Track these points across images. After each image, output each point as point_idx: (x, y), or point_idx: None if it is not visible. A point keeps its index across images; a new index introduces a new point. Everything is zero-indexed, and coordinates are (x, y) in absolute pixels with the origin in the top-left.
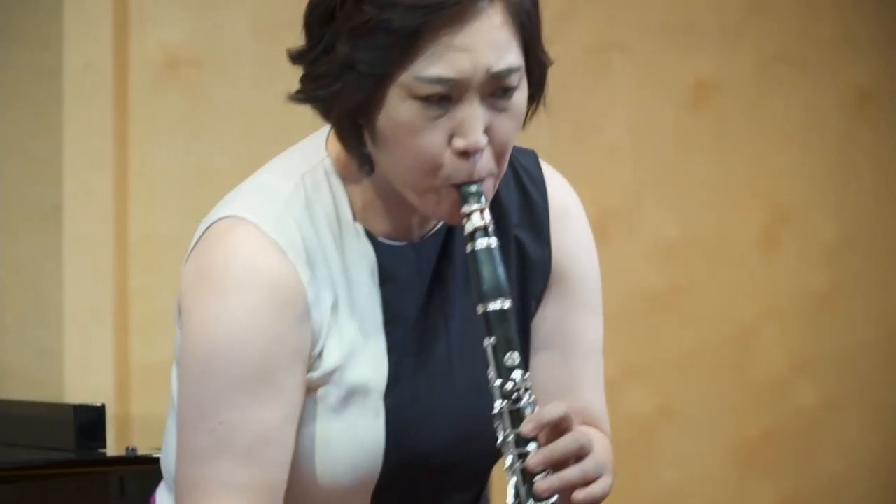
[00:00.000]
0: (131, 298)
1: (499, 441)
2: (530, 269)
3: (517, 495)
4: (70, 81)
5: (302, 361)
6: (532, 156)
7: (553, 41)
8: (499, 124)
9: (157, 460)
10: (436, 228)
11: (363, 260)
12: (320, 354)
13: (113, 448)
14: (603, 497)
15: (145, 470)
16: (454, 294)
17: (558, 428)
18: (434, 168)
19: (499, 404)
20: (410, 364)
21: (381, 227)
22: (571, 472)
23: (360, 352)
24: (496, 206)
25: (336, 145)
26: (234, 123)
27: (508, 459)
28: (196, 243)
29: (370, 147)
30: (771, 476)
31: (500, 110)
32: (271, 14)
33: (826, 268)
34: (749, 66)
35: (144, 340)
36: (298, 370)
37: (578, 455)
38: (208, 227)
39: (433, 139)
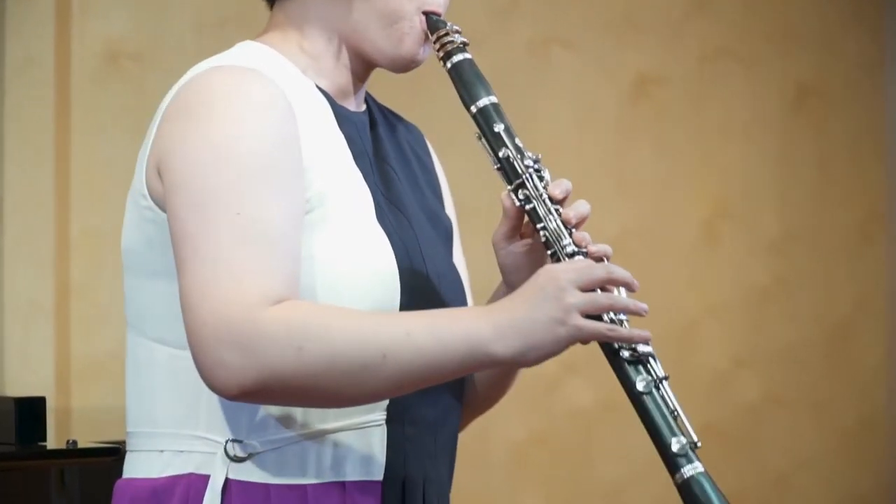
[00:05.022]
0: (72, 292)
1: (528, 206)
2: (428, 172)
3: (568, 243)
4: (11, 75)
5: (298, 166)
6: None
7: (495, 35)
8: None
9: (98, 452)
10: (361, 109)
11: (320, 105)
12: (313, 167)
13: (53, 441)
14: (610, 257)
15: (86, 463)
16: (392, 160)
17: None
18: None
19: (525, 170)
20: (382, 198)
21: (326, 87)
22: (586, 233)
23: (342, 178)
24: (387, 118)
25: (263, 39)
26: None
27: (547, 215)
28: (171, 101)
29: None
30: (713, 471)
31: None
32: (213, 9)
33: (768, 262)
34: (691, 60)
35: (85, 334)
36: (296, 174)
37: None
38: (183, 84)
39: None
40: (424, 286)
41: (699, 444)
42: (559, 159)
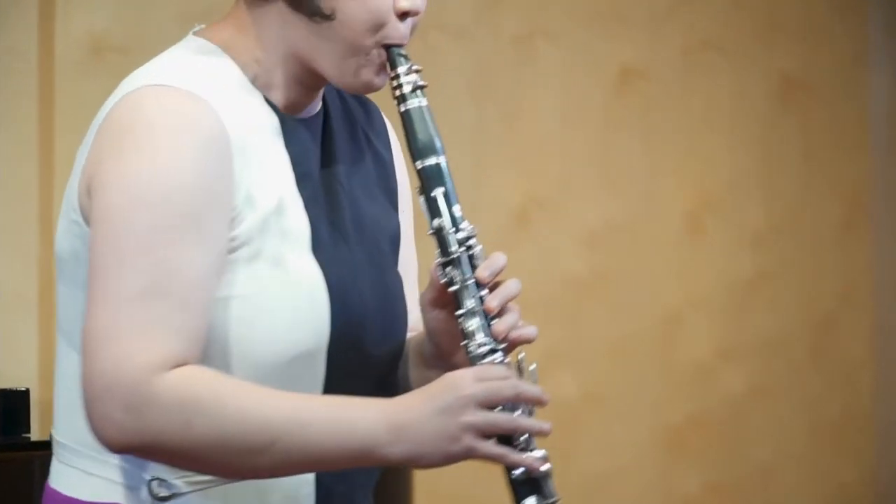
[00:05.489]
0: (56, 285)
1: (452, 287)
2: (384, 167)
3: (480, 335)
4: None
5: (226, 207)
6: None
7: (480, 28)
8: None
9: None
10: (315, 111)
11: (267, 121)
12: (247, 202)
13: (37, 433)
14: (531, 341)
15: None
16: (341, 171)
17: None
18: (378, 26)
19: (455, 250)
20: (325, 224)
21: (277, 99)
22: (514, 315)
23: (281, 205)
24: (345, 104)
25: (219, 34)
26: None
27: (468, 302)
28: (105, 118)
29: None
30: (697, 463)
31: None
32: (198, 0)
33: (752, 254)
34: (675, 52)
35: None
36: (223, 216)
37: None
38: (118, 101)
39: None
40: (359, 320)
41: None
42: (544, 152)
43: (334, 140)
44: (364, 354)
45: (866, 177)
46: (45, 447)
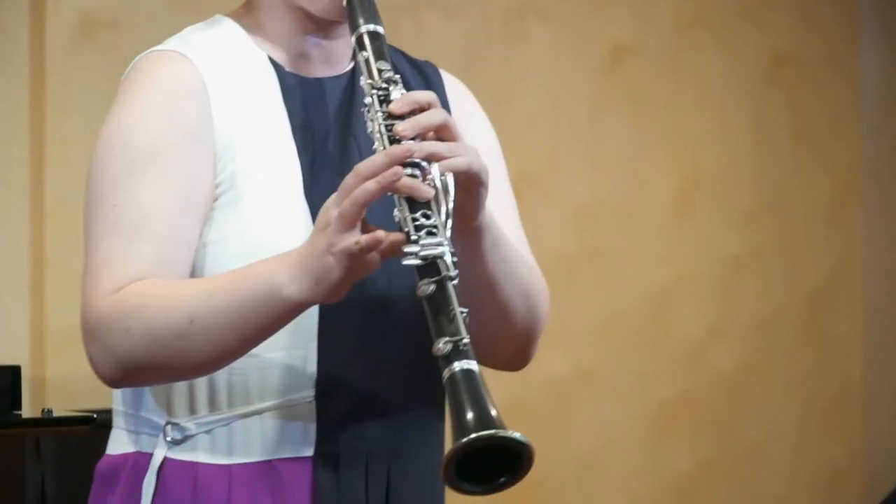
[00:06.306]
0: (47, 261)
1: (369, 129)
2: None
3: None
4: None
5: (201, 148)
6: (433, 66)
7: (471, 6)
8: None
9: (73, 421)
10: (338, 73)
11: (264, 76)
12: (229, 147)
13: (29, 410)
14: (467, 170)
15: (61, 431)
16: (361, 131)
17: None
18: None
19: (368, 94)
20: (327, 174)
21: (281, 58)
22: (443, 144)
23: (271, 151)
24: (401, 58)
25: (234, 11)
26: None
27: (377, 133)
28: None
29: None
30: (688, 441)
31: None
32: None
33: (742, 232)
34: (666, 29)
35: (60, 304)
36: (197, 156)
37: (442, 129)
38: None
39: None
40: None
41: (466, 341)
42: (534, 129)
43: (357, 101)
44: (365, 300)
45: (856, 155)
46: (37, 424)
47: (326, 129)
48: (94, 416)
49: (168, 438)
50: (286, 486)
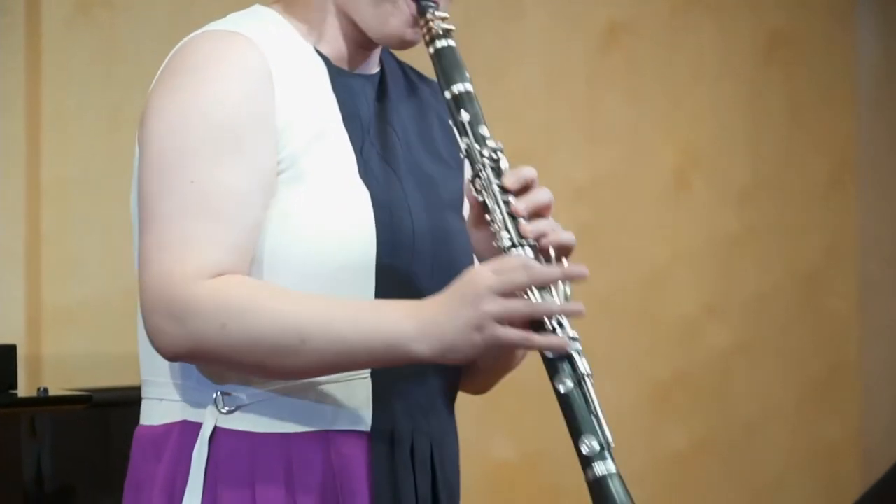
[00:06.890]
0: (43, 240)
1: (481, 198)
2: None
3: (507, 236)
4: None
5: (268, 128)
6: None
7: None
8: None
9: (69, 400)
10: (372, 71)
11: (315, 66)
12: (288, 127)
13: (24, 389)
14: (572, 247)
15: (57, 410)
16: (398, 127)
17: (529, 188)
18: None
19: (478, 159)
20: (376, 159)
21: (327, 51)
22: (548, 221)
23: (324, 134)
24: (408, 79)
25: (281, 2)
26: (147, 66)
27: (493, 205)
28: (167, 61)
29: None
30: (683, 419)
31: None
32: None
33: (738, 210)
34: (662, 8)
35: (56, 282)
36: (265, 137)
37: (549, 208)
38: (175, 50)
39: None
40: (409, 243)
41: (612, 444)
42: (530, 107)
43: (390, 99)
44: (414, 285)
45: (852, 132)
46: (32, 403)
47: (368, 120)
48: (91, 394)
49: (222, 409)
50: (345, 458)
